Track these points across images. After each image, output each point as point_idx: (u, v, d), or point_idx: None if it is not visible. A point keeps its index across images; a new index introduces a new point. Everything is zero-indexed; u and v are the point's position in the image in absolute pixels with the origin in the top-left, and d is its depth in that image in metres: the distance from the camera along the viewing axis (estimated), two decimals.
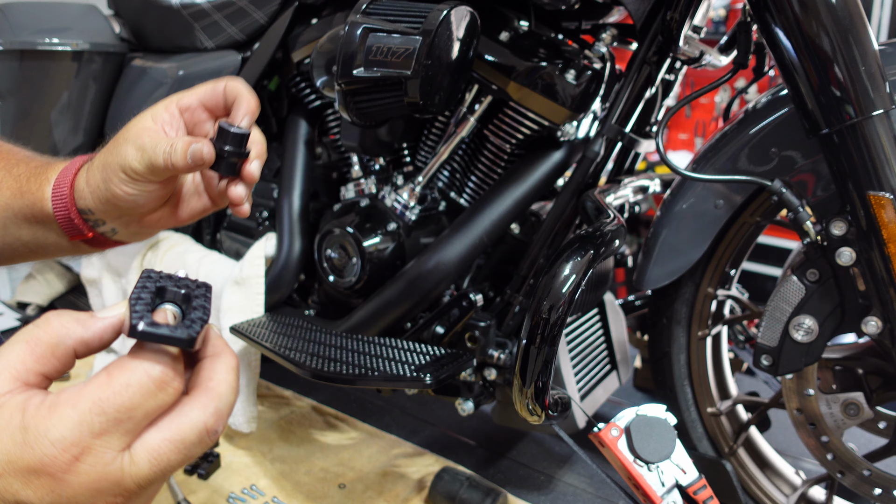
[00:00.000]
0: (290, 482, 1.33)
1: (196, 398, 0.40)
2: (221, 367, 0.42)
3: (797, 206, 1.00)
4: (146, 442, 0.39)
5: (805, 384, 1.07)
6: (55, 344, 0.40)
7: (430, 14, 1.04)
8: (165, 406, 0.39)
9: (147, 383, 0.38)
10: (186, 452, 0.39)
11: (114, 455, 0.38)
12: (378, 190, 1.32)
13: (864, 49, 0.89)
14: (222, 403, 0.41)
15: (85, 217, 0.67)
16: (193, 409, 0.40)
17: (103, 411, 0.37)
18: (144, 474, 0.38)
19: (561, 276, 0.98)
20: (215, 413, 0.40)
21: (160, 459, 0.39)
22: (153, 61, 1.69)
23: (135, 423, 0.38)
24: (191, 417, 0.39)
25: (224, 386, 0.41)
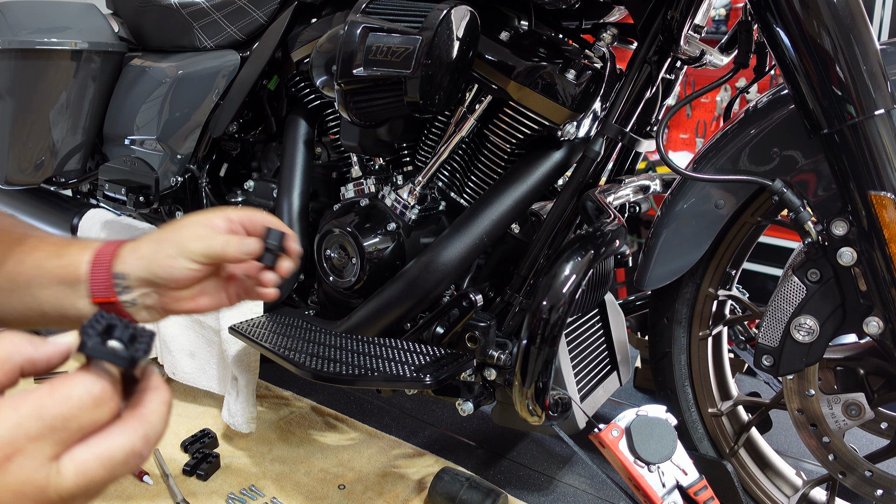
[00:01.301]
0: (290, 483, 1.33)
1: (128, 422, 0.42)
2: (156, 399, 0.44)
3: (798, 206, 1.00)
4: (75, 456, 0.40)
5: (806, 385, 1.07)
6: (3, 359, 0.42)
7: (429, 14, 1.04)
8: (99, 424, 0.41)
9: (86, 398, 0.40)
10: (111, 471, 0.41)
11: (42, 462, 0.39)
12: (378, 190, 1.31)
13: (865, 48, 0.89)
14: (152, 431, 0.42)
15: (116, 280, 0.74)
16: (124, 432, 0.41)
17: (41, 417, 0.39)
18: (68, 486, 0.39)
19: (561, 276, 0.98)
20: (144, 438, 0.42)
21: (85, 474, 0.40)
22: (152, 61, 1.69)
23: (68, 433, 0.40)
24: (120, 439, 0.41)
25: (156, 416, 0.43)
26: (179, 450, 1.42)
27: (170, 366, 1.53)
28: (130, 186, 1.67)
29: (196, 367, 1.51)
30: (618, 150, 1.34)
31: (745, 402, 1.25)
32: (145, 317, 0.76)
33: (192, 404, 1.61)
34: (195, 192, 1.65)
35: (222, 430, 1.49)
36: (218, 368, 1.49)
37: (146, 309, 0.75)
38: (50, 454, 0.39)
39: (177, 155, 1.64)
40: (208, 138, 1.60)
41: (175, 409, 1.58)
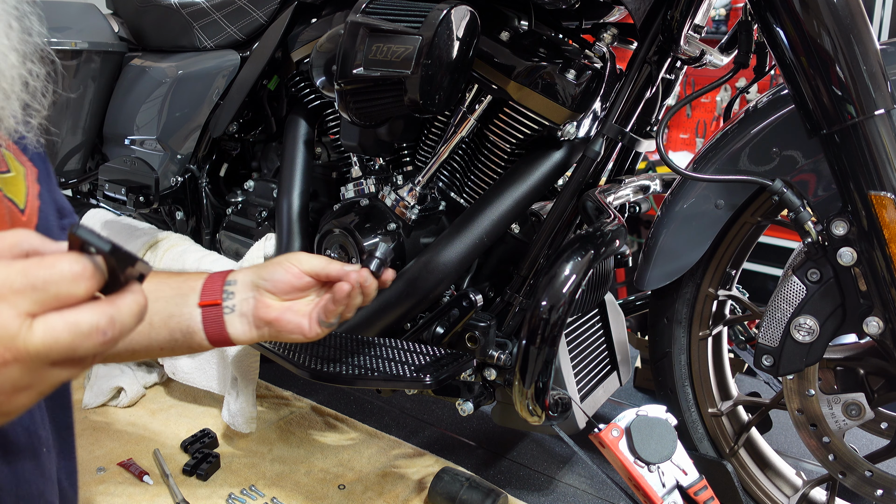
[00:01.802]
0: (290, 483, 1.33)
1: (99, 303, 0.47)
2: (130, 296, 0.48)
3: (798, 206, 1.00)
4: (47, 319, 0.45)
5: (806, 385, 1.07)
6: (12, 244, 0.47)
7: (429, 14, 1.04)
8: (75, 297, 0.45)
9: (67, 270, 0.45)
10: (75, 339, 0.45)
11: (18, 313, 0.44)
12: (378, 190, 1.31)
13: (865, 48, 0.89)
14: (120, 316, 0.47)
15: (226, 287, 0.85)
16: (94, 309, 0.46)
17: (26, 275, 0.44)
18: (35, 343, 0.44)
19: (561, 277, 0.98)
20: (111, 319, 0.46)
21: (52, 334, 0.44)
22: (152, 61, 1.69)
23: (46, 296, 0.44)
24: (89, 313, 0.45)
25: (126, 306, 0.47)
26: (179, 450, 1.42)
27: (170, 366, 1.53)
28: (130, 186, 1.67)
29: (196, 367, 1.51)
30: (618, 150, 1.34)
31: (745, 402, 1.25)
32: (237, 326, 0.84)
33: (192, 404, 1.61)
34: (195, 192, 1.65)
35: (222, 430, 1.49)
36: (218, 368, 1.49)
37: (241, 316, 0.84)
38: (26, 309, 0.44)
39: (177, 155, 1.64)
40: (208, 138, 1.60)
41: (175, 409, 1.58)
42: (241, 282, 0.86)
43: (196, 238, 1.66)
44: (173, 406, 1.60)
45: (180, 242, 1.56)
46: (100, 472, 1.33)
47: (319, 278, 0.87)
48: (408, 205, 1.25)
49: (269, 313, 0.84)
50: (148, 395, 1.64)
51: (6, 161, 0.73)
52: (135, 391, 1.59)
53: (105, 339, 0.46)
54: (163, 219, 1.75)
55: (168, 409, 1.58)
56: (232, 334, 0.84)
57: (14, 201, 0.73)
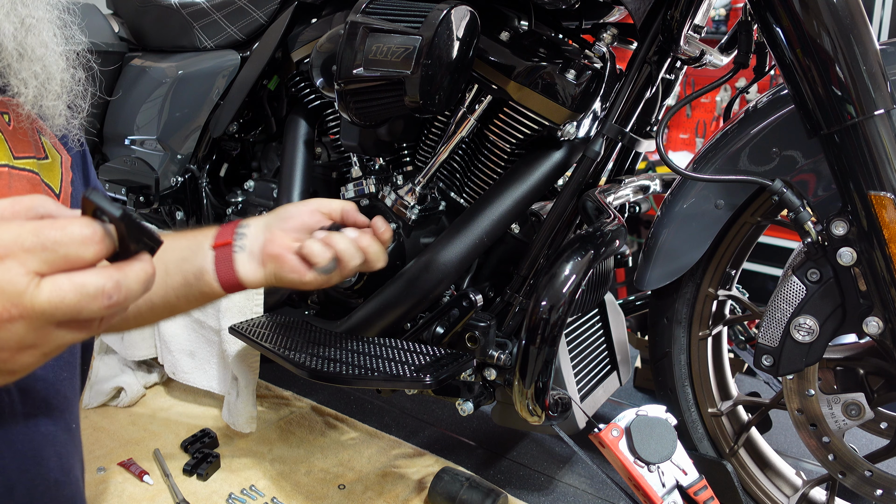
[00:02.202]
0: (290, 483, 1.33)
1: (106, 268, 0.47)
2: (138, 264, 0.48)
3: (798, 206, 1.00)
4: (55, 279, 0.45)
5: (806, 385, 1.07)
6: (28, 207, 0.48)
7: (429, 14, 1.04)
8: (83, 260, 0.46)
9: (78, 233, 0.46)
10: (80, 300, 0.45)
11: (27, 270, 0.45)
12: (378, 190, 1.31)
13: (865, 48, 0.89)
14: (126, 282, 0.47)
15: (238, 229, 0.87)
16: (101, 273, 0.46)
17: (38, 234, 0.45)
18: (41, 301, 0.45)
19: (561, 276, 0.98)
20: (116, 284, 0.47)
21: (58, 293, 0.45)
22: (152, 61, 1.69)
23: (55, 256, 0.45)
24: (96, 276, 0.46)
25: (133, 273, 0.48)
26: (179, 450, 1.42)
27: (170, 366, 1.53)
28: (130, 186, 1.67)
29: (196, 367, 1.51)
30: (618, 150, 1.34)
31: (745, 402, 1.25)
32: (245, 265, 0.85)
33: (192, 404, 1.61)
34: (195, 192, 1.65)
35: (222, 430, 1.49)
36: (218, 368, 1.49)
37: (250, 254, 0.85)
38: (35, 268, 0.45)
39: (177, 155, 1.64)
40: (208, 138, 1.60)
41: (175, 409, 1.58)
42: (254, 224, 0.88)
43: None
44: (173, 406, 1.60)
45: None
46: (100, 472, 1.33)
47: (333, 217, 0.89)
48: (408, 205, 1.25)
49: (274, 248, 0.84)
50: (148, 395, 1.64)
51: (45, 148, 0.76)
52: (135, 391, 1.59)
53: (110, 302, 0.46)
54: (163, 219, 1.75)
55: (168, 409, 1.58)
56: (240, 273, 0.84)
57: (50, 186, 0.76)
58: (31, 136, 0.74)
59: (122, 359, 1.65)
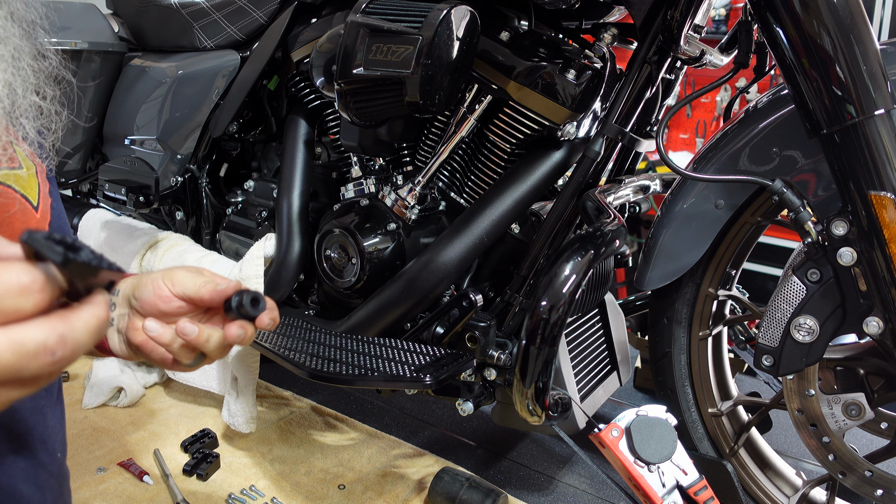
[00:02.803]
0: (290, 483, 1.33)
1: (49, 319, 0.42)
2: (88, 310, 0.44)
3: (798, 206, 1.00)
4: None
5: (806, 385, 1.07)
6: None
7: (430, 14, 1.04)
8: (22, 313, 0.41)
9: (14, 283, 0.41)
10: (20, 359, 0.41)
11: None
12: (378, 190, 1.31)
13: (865, 48, 0.89)
14: (71, 334, 0.42)
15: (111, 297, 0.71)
16: (42, 326, 0.42)
17: None
18: None
19: (561, 276, 0.98)
20: (60, 338, 0.42)
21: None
22: (152, 61, 1.69)
23: None
24: (37, 331, 0.41)
25: (81, 323, 0.43)
26: (179, 450, 1.42)
27: None
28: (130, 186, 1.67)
29: None
30: (618, 150, 1.34)
31: (745, 402, 1.25)
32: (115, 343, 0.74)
33: (192, 404, 1.61)
34: (195, 192, 1.65)
35: (222, 430, 1.49)
36: (218, 368, 1.49)
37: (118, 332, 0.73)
38: None
39: (177, 155, 1.64)
40: (208, 138, 1.60)
41: (175, 409, 1.58)
42: (122, 293, 0.75)
43: (196, 238, 1.66)
44: (173, 406, 1.60)
45: (180, 242, 1.56)
46: (100, 472, 1.33)
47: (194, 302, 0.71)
48: (408, 205, 1.25)
49: (135, 336, 0.71)
50: (148, 395, 1.64)
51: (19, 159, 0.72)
52: (135, 391, 1.59)
53: (54, 359, 0.42)
54: (163, 219, 1.75)
55: (168, 409, 1.58)
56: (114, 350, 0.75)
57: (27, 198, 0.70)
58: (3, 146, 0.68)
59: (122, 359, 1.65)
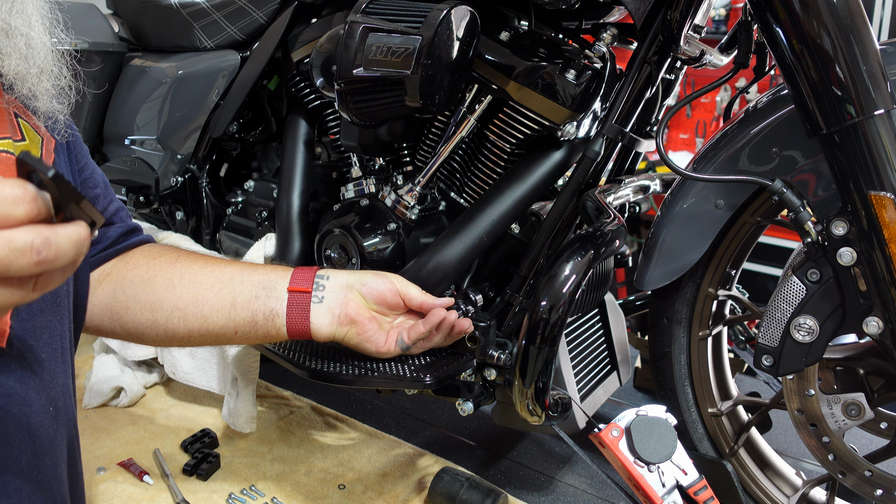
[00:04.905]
0: (290, 483, 1.33)
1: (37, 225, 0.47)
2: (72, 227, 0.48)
3: (798, 206, 1.00)
4: None
5: (806, 385, 1.07)
6: None
7: (429, 14, 1.04)
8: (13, 220, 0.46)
9: (8, 193, 0.46)
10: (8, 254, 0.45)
11: None
12: (378, 190, 1.31)
13: (865, 48, 0.89)
14: (57, 239, 0.47)
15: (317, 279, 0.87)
16: (30, 229, 0.46)
17: None
18: None
19: (561, 276, 0.98)
20: (45, 240, 0.46)
21: None
22: (152, 61, 1.69)
23: None
24: (24, 231, 0.46)
25: (64, 233, 0.47)
26: (179, 450, 1.42)
27: (170, 366, 1.53)
28: (130, 186, 1.67)
29: (196, 367, 1.51)
30: (618, 150, 1.34)
31: (745, 402, 1.25)
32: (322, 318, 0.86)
33: (192, 404, 1.61)
34: (195, 192, 1.65)
35: (222, 430, 1.49)
36: (218, 368, 1.49)
37: (328, 309, 0.86)
38: None
39: (177, 155, 1.64)
40: (208, 138, 1.60)
41: (175, 408, 1.58)
42: (334, 279, 0.89)
43: (196, 238, 1.66)
44: (173, 406, 1.60)
45: (180, 242, 1.56)
46: (100, 472, 1.33)
47: (409, 304, 0.93)
48: (408, 205, 1.25)
49: (359, 314, 0.86)
50: (148, 395, 1.64)
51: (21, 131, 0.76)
52: (135, 391, 1.59)
53: (39, 258, 0.46)
54: (163, 219, 1.75)
55: (168, 409, 1.58)
56: (314, 324, 0.86)
57: None
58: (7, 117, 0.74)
59: (122, 359, 1.65)
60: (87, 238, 0.49)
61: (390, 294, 0.91)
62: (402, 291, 0.92)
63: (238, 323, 0.85)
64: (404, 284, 0.93)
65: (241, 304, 0.85)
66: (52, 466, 0.75)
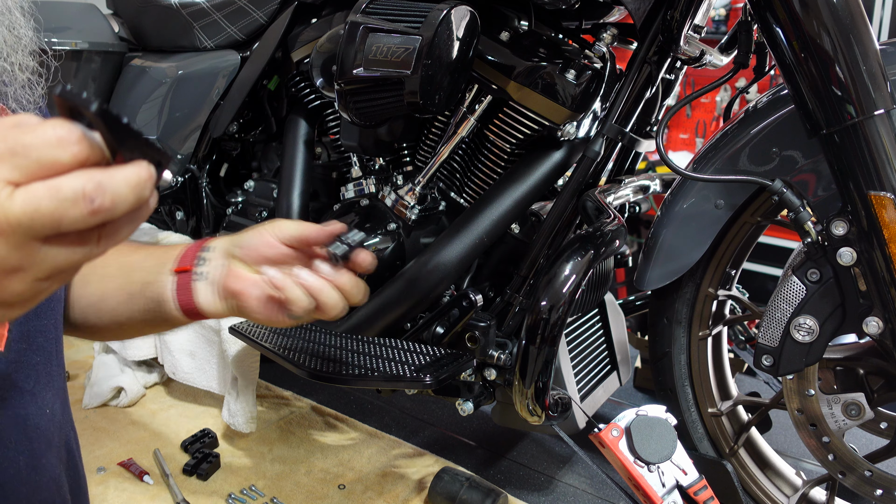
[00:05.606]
0: (290, 483, 1.33)
1: (87, 170, 0.41)
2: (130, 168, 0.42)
3: (798, 206, 1.00)
4: (28, 187, 0.40)
5: (806, 385, 1.07)
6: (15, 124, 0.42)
7: (430, 14, 1.04)
8: (60, 165, 0.41)
9: (51, 135, 0.40)
10: (58, 206, 0.40)
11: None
12: (378, 190, 1.31)
13: (865, 48, 0.89)
14: (112, 183, 0.41)
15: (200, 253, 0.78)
16: (81, 175, 0.41)
17: (5, 139, 0.40)
18: (15, 211, 0.40)
19: (561, 276, 0.98)
20: (98, 185, 0.41)
21: (33, 201, 0.40)
22: (152, 61, 1.69)
23: (27, 162, 0.40)
24: (74, 177, 0.41)
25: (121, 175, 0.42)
26: (179, 450, 1.42)
27: (170, 366, 1.53)
28: None
29: (196, 367, 1.51)
30: (618, 150, 1.34)
31: (745, 402, 1.25)
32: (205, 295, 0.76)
33: (192, 404, 1.61)
34: (195, 192, 1.65)
35: (222, 430, 1.49)
36: (218, 368, 1.49)
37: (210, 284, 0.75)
38: (6, 177, 0.40)
39: (177, 155, 1.64)
40: (208, 138, 1.60)
41: (175, 409, 1.58)
42: (217, 248, 0.77)
43: (196, 238, 1.66)
44: (173, 406, 1.60)
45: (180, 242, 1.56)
46: (100, 472, 1.33)
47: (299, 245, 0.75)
48: (408, 205, 1.25)
49: (235, 284, 0.72)
50: (148, 395, 1.64)
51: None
52: (135, 391, 1.59)
53: (93, 206, 0.40)
54: (163, 219, 1.75)
55: (168, 409, 1.58)
56: (201, 304, 0.75)
57: None
58: None
59: (122, 359, 1.65)
60: (149, 180, 0.43)
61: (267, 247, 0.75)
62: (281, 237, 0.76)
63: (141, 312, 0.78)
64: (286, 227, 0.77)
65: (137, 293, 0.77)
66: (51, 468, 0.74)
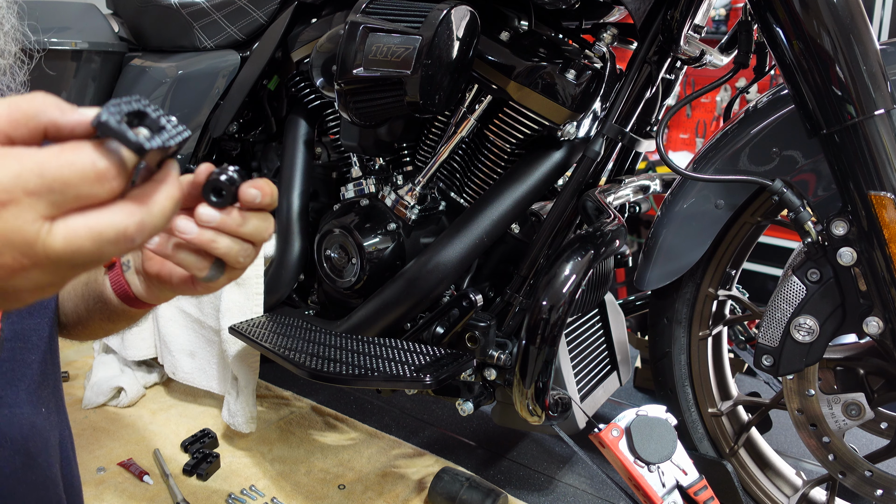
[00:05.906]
0: (290, 483, 1.33)
1: (126, 204, 0.42)
2: (163, 192, 0.43)
3: (798, 206, 1.00)
4: (68, 222, 0.40)
5: (806, 385, 1.07)
6: (31, 115, 0.41)
7: (430, 14, 1.04)
8: (98, 199, 0.41)
9: (89, 169, 0.39)
10: (99, 245, 0.40)
11: (35, 217, 0.39)
12: (378, 190, 1.31)
13: (865, 48, 0.89)
14: (149, 218, 0.42)
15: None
16: (120, 212, 0.41)
17: (42, 175, 0.39)
18: (55, 248, 0.40)
19: (561, 276, 0.98)
20: (139, 223, 0.41)
21: (74, 241, 0.40)
22: (152, 61, 1.69)
23: (65, 199, 0.40)
24: (115, 216, 0.41)
25: (157, 207, 0.43)
26: (179, 450, 1.42)
27: (170, 366, 1.53)
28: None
29: (196, 367, 1.51)
30: (618, 150, 1.34)
31: (745, 402, 1.25)
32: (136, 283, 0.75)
33: (192, 404, 1.61)
34: None
35: (222, 430, 1.49)
36: (218, 368, 1.49)
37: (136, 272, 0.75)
38: (44, 213, 0.39)
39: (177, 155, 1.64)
40: (208, 138, 1.60)
41: (175, 409, 1.58)
42: None
43: None
44: (173, 406, 1.60)
45: None
46: (100, 472, 1.33)
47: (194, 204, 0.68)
48: (408, 205, 1.25)
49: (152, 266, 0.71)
50: (148, 395, 1.64)
51: None
52: (135, 391, 1.59)
53: (132, 245, 0.42)
54: None
55: (168, 409, 1.58)
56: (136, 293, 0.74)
57: None
58: None
59: (122, 359, 1.65)
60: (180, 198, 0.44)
61: None
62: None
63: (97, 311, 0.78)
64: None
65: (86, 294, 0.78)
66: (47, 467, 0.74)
